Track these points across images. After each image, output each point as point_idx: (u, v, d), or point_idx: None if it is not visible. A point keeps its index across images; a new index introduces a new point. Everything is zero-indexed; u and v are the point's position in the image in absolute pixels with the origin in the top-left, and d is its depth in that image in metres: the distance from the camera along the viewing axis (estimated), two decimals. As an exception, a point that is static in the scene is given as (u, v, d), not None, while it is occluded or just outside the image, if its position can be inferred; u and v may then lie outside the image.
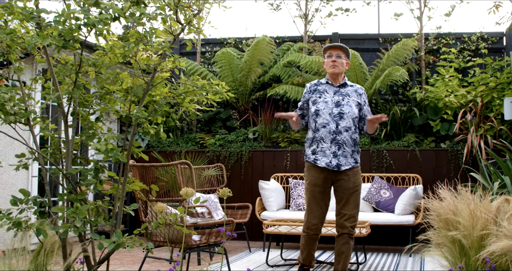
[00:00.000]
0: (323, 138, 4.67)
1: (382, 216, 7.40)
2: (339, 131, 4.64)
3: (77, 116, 4.28)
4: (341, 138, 4.64)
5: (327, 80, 4.86)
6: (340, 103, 4.71)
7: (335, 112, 4.68)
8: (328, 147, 4.65)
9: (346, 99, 4.73)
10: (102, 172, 4.33)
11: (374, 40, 9.85)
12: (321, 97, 4.77)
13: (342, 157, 4.65)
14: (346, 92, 4.78)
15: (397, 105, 9.01)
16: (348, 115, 4.67)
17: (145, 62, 4.32)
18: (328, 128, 4.65)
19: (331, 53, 4.81)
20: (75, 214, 3.82)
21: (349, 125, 4.66)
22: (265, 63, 9.62)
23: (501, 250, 3.00)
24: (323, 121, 4.68)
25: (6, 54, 4.33)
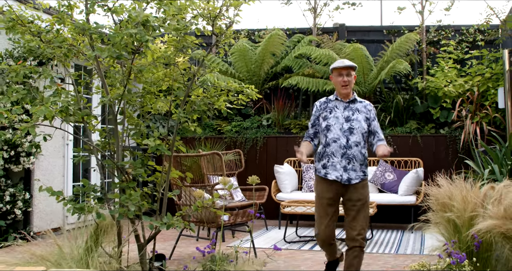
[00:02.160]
0: (333, 152, 4.67)
1: (387, 196, 8.15)
2: (349, 146, 4.63)
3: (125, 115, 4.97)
4: (351, 152, 4.63)
5: (337, 96, 4.85)
6: (350, 118, 4.72)
7: (345, 127, 4.68)
8: (338, 161, 4.65)
9: (356, 114, 4.73)
10: (147, 162, 5.04)
11: (379, 32, 10.48)
12: (331, 113, 4.76)
13: (352, 171, 4.65)
14: (356, 108, 4.77)
15: (400, 94, 9.68)
16: (358, 131, 4.67)
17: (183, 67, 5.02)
18: (338, 143, 4.65)
19: (340, 72, 4.77)
20: (128, 199, 4.52)
21: (359, 140, 4.67)
22: (277, 54, 10.27)
23: (486, 228, 3.72)
24: (333, 136, 4.67)
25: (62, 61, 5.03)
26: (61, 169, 7.90)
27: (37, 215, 7.40)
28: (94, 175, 8.65)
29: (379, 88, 9.89)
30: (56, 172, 7.79)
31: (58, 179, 7.77)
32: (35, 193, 7.31)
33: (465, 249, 3.91)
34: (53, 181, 7.69)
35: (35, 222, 7.36)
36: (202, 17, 4.84)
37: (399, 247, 6.79)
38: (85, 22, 4.76)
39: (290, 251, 6.51)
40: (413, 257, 6.12)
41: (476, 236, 3.80)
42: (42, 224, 7.50)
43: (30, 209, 7.23)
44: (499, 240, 3.81)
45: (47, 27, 4.95)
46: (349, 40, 10.37)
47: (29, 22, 4.86)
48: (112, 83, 5.08)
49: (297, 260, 5.99)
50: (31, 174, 7.29)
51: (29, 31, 4.81)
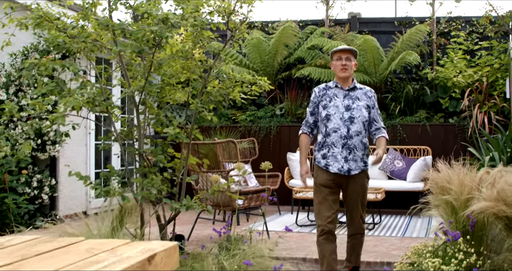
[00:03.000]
0: (334, 143, 4.57)
1: (396, 183, 8.46)
2: (350, 136, 4.53)
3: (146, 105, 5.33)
4: (352, 142, 4.54)
5: (336, 83, 4.75)
6: (350, 107, 4.59)
7: (345, 116, 4.56)
8: (339, 152, 4.56)
9: (356, 103, 4.61)
10: (166, 150, 5.41)
11: (390, 23, 10.74)
12: (331, 102, 4.64)
13: (352, 161, 4.57)
14: (356, 95, 4.65)
15: (410, 84, 9.95)
16: (358, 120, 4.57)
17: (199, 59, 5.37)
18: (339, 133, 4.54)
19: (340, 56, 4.68)
20: (150, 183, 4.89)
21: (360, 130, 4.57)
22: (290, 45, 10.57)
23: (480, 209, 4.03)
24: (334, 126, 4.56)
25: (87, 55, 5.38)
26: (83, 156, 8.29)
27: (62, 200, 7.80)
28: (114, 162, 9.03)
29: (389, 78, 10.17)
30: (79, 159, 8.18)
31: (81, 166, 8.16)
32: (60, 179, 7.71)
33: (462, 228, 4.23)
34: (77, 168, 8.07)
35: (60, 207, 7.77)
36: (218, 13, 5.18)
37: (405, 231, 7.12)
38: (109, 19, 5.12)
39: (302, 234, 6.86)
40: (419, 240, 6.44)
41: (471, 216, 4.12)
42: (66, 209, 7.91)
43: (56, 194, 7.63)
44: (492, 220, 4.13)
45: (72, 23, 5.31)
46: (361, 32, 10.63)
47: (55, 19, 5.23)
48: (133, 76, 5.44)
49: (307, 242, 6.34)
50: (56, 161, 7.70)
51: (56, 27, 5.17)
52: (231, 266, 4.57)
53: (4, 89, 7.41)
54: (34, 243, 2.66)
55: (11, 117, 4.95)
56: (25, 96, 7.38)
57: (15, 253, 2.42)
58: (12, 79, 7.46)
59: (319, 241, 4.64)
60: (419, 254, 4.41)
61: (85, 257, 2.32)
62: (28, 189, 7.21)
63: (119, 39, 5.22)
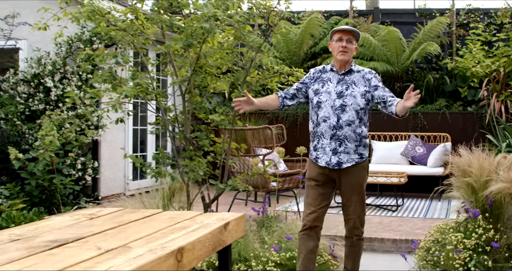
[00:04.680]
0: (323, 133, 4.19)
1: (417, 168, 8.93)
2: (339, 126, 4.11)
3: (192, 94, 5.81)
4: (342, 133, 4.12)
5: (332, 66, 4.31)
6: (343, 94, 4.15)
7: (337, 104, 4.13)
8: (327, 144, 4.17)
9: (350, 89, 4.16)
10: (209, 135, 5.89)
11: (411, 15, 11.14)
12: (323, 87, 4.23)
13: (343, 154, 4.15)
14: (352, 80, 4.19)
15: (430, 74, 10.36)
16: (350, 108, 4.12)
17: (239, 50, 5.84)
18: (328, 123, 4.14)
19: (341, 37, 4.20)
20: (197, 166, 5.38)
21: (352, 119, 4.12)
22: (316, 35, 11.00)
23: (497, 190, 4.51)
24: (324, 115, 4.17)
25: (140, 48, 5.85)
26: (122, 141, 8.81)
27: (103, 182, 8.34)
28: (149, 146, 9.54)
29: (411, 68, 10.58)
30: (118, 143, 8.70)
31: (120, 150, 8.69)
32: (102, 162, 8.24)
33: (481, 207, 4.70)
34: (116, 151, 8.61)
35: (101, 188, 8.30)
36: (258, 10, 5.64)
37: (427, 212, 7.59)
38: (158, 14, 5.60)
39: (330, 215, 7.33)
40: (440, 221, 6.88)
41: (489, 196, 4.58)
42: (107, 190, 8.45)
43: (98, 176, 8.16)
44: (508, 200, 4.60)
45: (120, 17, 5.80)
46: (383, 22, 11.04)
47: (106, 13, 5.71)
48: (179, 66, 5.91)
49: (336, 221, 6.83)
50: (98, 145, 8.22)
51: (107, 21, 5.66)
52: (271, 241, 5.07)
53: (50, 77, 7.92)
54: (121, 214, 3.17)
55: (73, 104, 5.45)
56: (69, 83, 7.88)
57: (112, 220, 2.92)
58: (57, 67, 7.96)
59: (299, 236, 4.36)
60: (441, 232, 4.88)
61: (171, 223, 2.82)
62: (73, 171, 7.74)
63: (165, 32, 5.70)
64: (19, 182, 7.49)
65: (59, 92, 7.80)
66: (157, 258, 2.07)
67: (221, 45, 5.65)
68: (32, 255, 2.13)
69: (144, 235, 2.51)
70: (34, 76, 7.99)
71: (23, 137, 7.95)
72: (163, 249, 2.20)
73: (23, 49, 8.35)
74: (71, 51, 7.97)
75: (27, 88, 8.03)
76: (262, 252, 4.86)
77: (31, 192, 7.28)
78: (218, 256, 3.04)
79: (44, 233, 2.58)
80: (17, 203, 6.92)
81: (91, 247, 2.24)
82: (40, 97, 7.93)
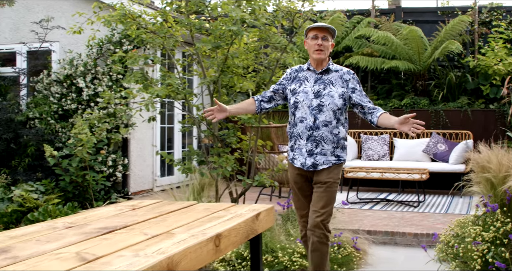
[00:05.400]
0: (300, 134, 4.09)
1: (438, 165, 9.09)
2: (316, 127, 4.02)
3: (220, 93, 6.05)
4: (318, 134, 4.02)
5: (309, 65, 4.18)
6: (320, 94, 4.04)
7: (314, 104, 4.03)
8: (304, 145, 4.08)
9: (328, 88, 4.04)
10: (235, 133, 6.13)
11: (433, 13, 11.28)
12: (300, 86, 4.12)
13: (320, 155, 4.06)
14: (330, 79, 4.07)
15: (452, 71, 10.51)
16: (328, 108, 4.01)
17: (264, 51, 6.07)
18: (305, 123, 4.05)
19: (316, 35, 4.06)
20: (225, 162, 5.62)
21: (329, 120, 4.02)
22: (338, 34, 11.19)
23: (516, 185, 4.71)
24: (301, 115, 4.07)
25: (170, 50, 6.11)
26: (150, 138, 9.09)
27: (132, 178, 8.63)
28: (176, 143, 9.81)
29: (433, 66, 10.73)
30: (147, 141, 8.98)
31: (148, 147, 8.97)
32: (131, 159, 8.53)
33: (499, 201, 4.88)
34: (145, 148, 8.89)
35: (131, 184, 8.59)
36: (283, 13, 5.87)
37: (448, 208, 7.76)
38: (187, 17, 5.85)
39: (353, 210, 7.56)
40: (461, 216, 7.05)
41: (507, 191, 4.77)
42: (136, 186, 8.73)
43: (127, 172, 8.46)
44: (526, 194, 4.78)
45: (150, 20, 6.06)
46: (405, 21, 11.19)
47: (137, 16, 5.98)
48: (206, 67, 6.16)
49: (359, 216, 7.04)
50: (128, 143, 8.51)
51: (138, 24, 5.92)
52: (296, 233, 5.30)
53: (82, 78, 8.22)
54: (161, 205, 3.42)
55: (108, 103, 5.72)
56: (100, 84, 8.18)
57: (153, 211, 3.18)
58: (88, 68, 8.26)
59: (302, 241, 4.38)
60: (461, 226, 5.06)
61: (207, 213, 3.06)
62: (104, 168, 8.03)
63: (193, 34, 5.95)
64: (53, 178, 7.81)
65: (90, 92, 8.11)
66: (198, 242, 2.31)
67: (247, 46, 5.89)
68: (88, 239, 2.39)
69: (184, 223, 2.75)
70: (66, 77, 8.31)
71: (56, 135, 8.28)
72: (203, 235, 2.45)
73: (56, 51, 8.67)
74: (102, 53, 8.26)
75: (60, 89, 8.35)
76: (288, 244, 5.08)
77: (65, 187, 7.58)
78: (250, 244, 3.28)
79: (93, 221, 2.84)
80: (52, 198, 7.23)
81: (138, 233, 2.50)
82: (73, 97, 8.24)
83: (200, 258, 2.33)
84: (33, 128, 8.27)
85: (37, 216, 6.70)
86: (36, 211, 6.85)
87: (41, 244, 2.32)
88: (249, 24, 5.40)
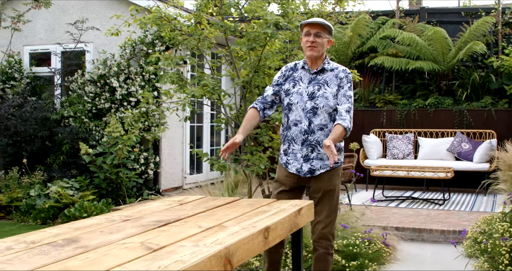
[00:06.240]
0: (294, 138, 3.89)
1: (463, 163, 9.23)
2: (311, 131, 3.82)
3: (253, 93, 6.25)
4: (314, 138, 3.83)
5: (304, 64, 3.95)
6: (314, 95, 3.83)
7: (308, 106, 3.83)
8: (299, 150, 3.88)
9: (322, 89, 3.82)
10: (268, 131, 6.33)
11: (457, 14, 11.38)
12: (295, 87, 3.90)
13: (316, 160, 3.86)
14: (324, 79, 3.85)
15: (476, 72, 10.61)
16: (322, 110, 3.81)
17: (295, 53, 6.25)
18: (299, 127, 3.85)
19: (308, 31, 3.84)
20: (259, 160, 5.82)
21: (325, 123, 3.82)
22: (363, 35, 11.35)
23: (542, 183, 4.86)
24: (295, 118, 3.87)
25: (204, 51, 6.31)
26: (180, 137, 9.32)
27: (163, 175, 8.86)
28: (205, 142, 10.04)
29: (456, 66, 10.85)
30: (177, 139, 9.22)
31: (178, 145, 9.21)
32: (162, 157, 8.77)
33: (526, 199, 5.05)
34: (175, 146, 9.13)
35: (162, 181, 8.83)
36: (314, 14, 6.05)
37: (473, 206, 7.89)
38: (222, 20, 6.06)
39: (379, 208, 7.73)
40: (486, 214, 7.21)
41: (534, 189, 4.93)
42: (166, 183, 8.97)
43: (159, 170, 8.69)
44: (553, 192, 4.93)
45: (185, 22, 6.27)
46: (429, 22, 11.31)
47: (173, 19, 6.20)
48: (239, 68, 6.36)
49: (386, 213, 7.21)
50: (159, 141, 8.75)
51: (173, 26, 6.14)
52: (328, 229, 5.48)
53: (115, 77, 8.47)
54: (206, 200, 3.62)
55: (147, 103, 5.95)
56: (133, 83, 8.42)
57: (200, 205, 3.38)
58: (121, 68, 8.50)
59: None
60: (488, 223, 5.22)
61: (252, 208, 3.25)
62: (137, 165, 8.28)
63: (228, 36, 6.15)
64: (87, 175, 8.07)
65: (123, 92, 8.35)
66: (250, 235, 2.50)
67: (278, 47, 6.08)
68: (147, 231, 2.59)
69: (233, 217, 2.95)
70: (100, 77, 8.56)
71: (90, 133, 8.54)
72: (253, 227, 2.64)
73: (90, 52, 8.93)
74: (135, 53, 8.50)
75: (93, 88, 8.61)
76: (320, 239, 5.27)
77: (99, 184, 7.84)
78: (292, 237, 3.48)
79: (147, 215, 3.04)
80: (87, 194, 7.50)
81: (193, 226, 2.69)
82: (106, 96, 8.50)
83: (252, 249, 2.52)
84: (68, 126, 8.54)
85: (73, 211, 6.96)
86: (72, 207, 7.12)
87: (105, 235, 2.52)
88: (283, 27, 5.58)
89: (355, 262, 5.00)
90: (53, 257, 2.08)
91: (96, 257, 2.08)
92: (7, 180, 8.05)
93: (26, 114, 8.30)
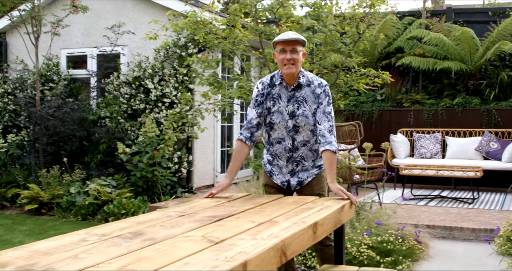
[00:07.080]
0: (278, 155, 3.96)
1: (491, 163, 9.33)
2: (295, 148, 3.89)
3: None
4: (298, 154, 3.92)
5: (281, 79, 3.85)
6: (294, 114, 3.82)
7: (290, 125, 3.85)
8: (284, 165, 3.98)
9: (301, 108, 3.81)
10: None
11: (484, 14, 11.46)
12: (275, 106, 3.85)
13: (302, 172, 3.99)
14: (303, 96, 3.82)
15: (504, 71, 10.69)
16: (304, 128, 3.84)
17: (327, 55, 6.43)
18: (283, 145, 3.91)
19: (283, 48, 3.75)
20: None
21: (307, 139, 3.87)
22: (390, 35, 11.48)
23: None
24: (278, 136, 3.91)
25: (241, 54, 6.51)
26: (212, 136, 9.54)
27: (196, 174, 9.08)
28: (235, 142, 10.23)
29: (484, 66, 10.93)
30: (209, 139, 9.43)
31: (210, 145, 9.42)
32: (195, 156, 8.99)
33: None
34: (207, 146, 9.34)
35: (194, 180, 9.05)
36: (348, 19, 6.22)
37: (503, 205, 8.00)
38: (256, 24, 6.25)
39: (409, 206, 7.87)
40: (515, 212, 7.34)
41: None
42: (199, 182, 9.19)
43: (192, 169, 8.92)
44: None
45: (220, 26, 6.48)
46: (456, 22, 11.40)
47: (208, 23, 6.41)
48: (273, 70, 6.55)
49: (416, 212, 7.35)
50: (192, 141, 8.97)
51: (209, 30, 6.35)
52: (361, 226, 5.65)
53: (150, 79, 8.71)
54: (251, 197, 3.81)
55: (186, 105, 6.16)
56: (167, 85, 8.65)
57: (248, 202, 3.57)
58: (156, 70, 8.74)
59: None
60: (519, 221, 5.35)
61: (298, 205, 3.44)
62: (171, 164, 8.50)
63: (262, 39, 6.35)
64: (124, 173, 8.32)
65: (158, 93, 8.59)
66: (301, 229, 2.69)
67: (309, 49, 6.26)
68: (204, 225, 2.77)
69: (281, 213, 3.13)
70: (135, 78, 8.81)
71: (126, 133, 8.79)
72: (303, 223, 2.82)
73: (125, 54, 9.19)
74: (168, 56, 8.72)
75: (128, 90, 8.85)
76: (354, 236, 5.44)
77: (135, 182, 8.09)
78: (334, 233, 3.66)
79: (200, 210, 3.23)
80: (124, 192, 7.74)
81: (246, 221, 2.88)
82: (141, 97, 8.74)
83: (303, 243, 2.70)
84: (104, 127, 8.81)
85: (112, 208, 7.21)
86: (111, 203, 7.37)
87: (167, 229, 2.71)
88: (317, 30, 5.76)
89: (389, 258, 5.16)
90: (125, 248, 2.27)
91: (165, 248, 2.26)
92: (48, 178, 8.34)
93: (64, 115, 8.58)
